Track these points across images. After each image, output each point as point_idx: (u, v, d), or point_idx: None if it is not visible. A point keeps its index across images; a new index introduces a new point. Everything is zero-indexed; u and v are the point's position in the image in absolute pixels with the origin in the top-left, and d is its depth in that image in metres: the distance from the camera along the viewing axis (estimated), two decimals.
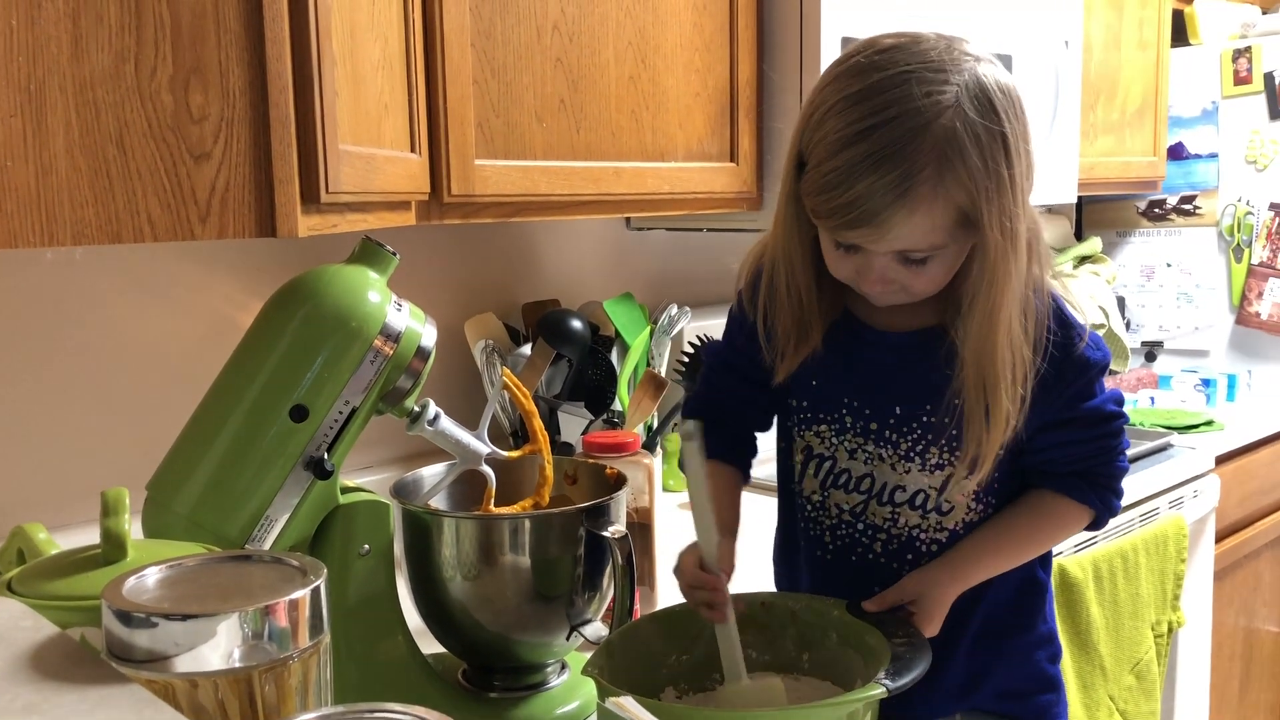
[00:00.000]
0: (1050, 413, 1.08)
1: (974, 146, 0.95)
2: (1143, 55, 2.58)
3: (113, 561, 0.82)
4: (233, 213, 0.93)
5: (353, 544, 1.09)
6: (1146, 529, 1.99)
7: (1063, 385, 1.07)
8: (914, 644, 0.99)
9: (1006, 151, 0.98)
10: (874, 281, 1.03)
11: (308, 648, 0.72)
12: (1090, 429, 1.10)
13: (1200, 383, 2.58)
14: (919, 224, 0.97)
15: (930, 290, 1.04)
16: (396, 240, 1.16)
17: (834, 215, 0.98)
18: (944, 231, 0.98)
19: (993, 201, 0.97)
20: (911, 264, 1.01)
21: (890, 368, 1.11)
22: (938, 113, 0.95)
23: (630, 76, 1.55)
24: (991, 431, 1.03)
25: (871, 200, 0.95)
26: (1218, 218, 2.71)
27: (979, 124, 0.96)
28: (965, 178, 0.96)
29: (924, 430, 1.09)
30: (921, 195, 0.95)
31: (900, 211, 0.95)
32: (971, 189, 0.96)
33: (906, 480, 1.11)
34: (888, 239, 0.98)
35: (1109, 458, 1.12)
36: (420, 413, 1.12)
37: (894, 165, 0.94)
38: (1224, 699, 2.42)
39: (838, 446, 1.13)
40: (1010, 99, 0.99)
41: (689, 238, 2.12)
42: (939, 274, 1.02)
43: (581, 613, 1.16)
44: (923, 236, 0.98)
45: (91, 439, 1.41)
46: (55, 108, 0.83)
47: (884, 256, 1.01)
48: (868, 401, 1.11)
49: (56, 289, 1.37)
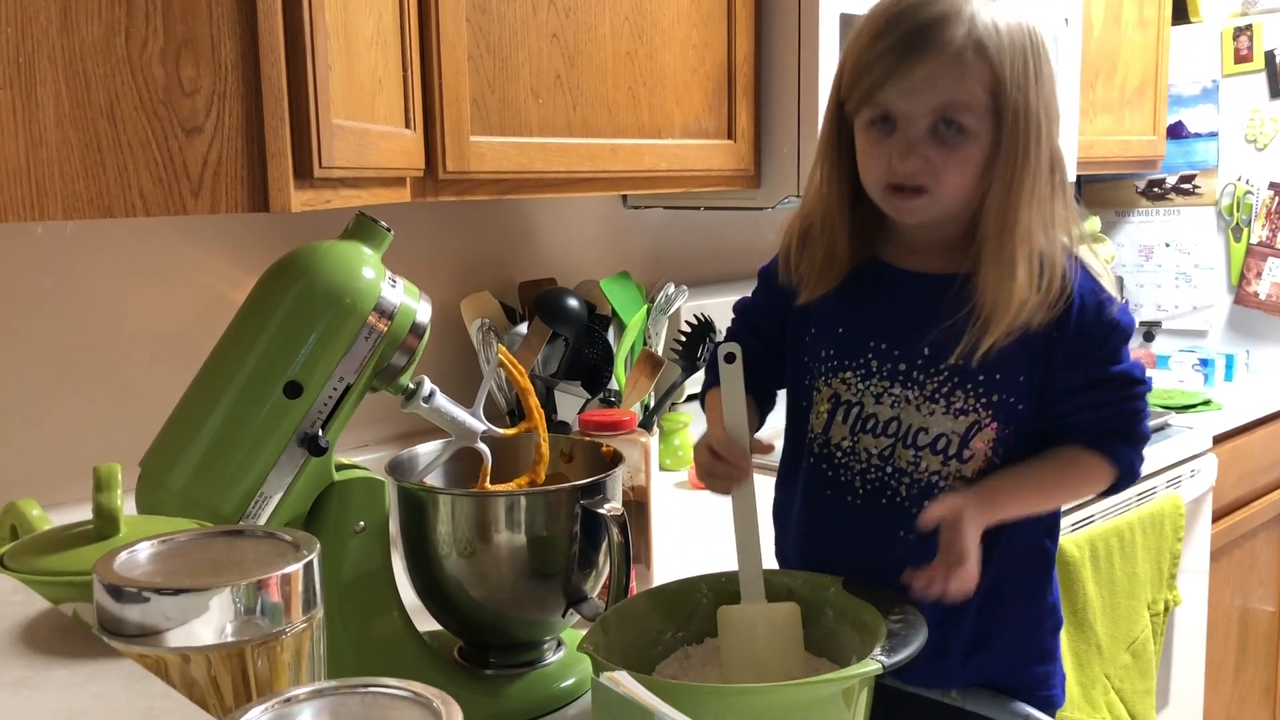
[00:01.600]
0: (1080, 374, 1.10)
1: (1001, 35, 1.02)
2: (1143, 33, 2.57)
3: (105, 537, 0.82)
4: (225, 187, 0.92)
5: (348, 521, 1.09)
6: (1143, 508, 1.99)
7: (1093, 346, 1.10)
8: (909, 621, 0.99)
9: (1033, 60, 1.04)
10: (906, 153, 1.05)
11: (300, 623, 0.72)
12: (1119, 391, 1.12)
13: (1198, 363, 2.58)
14: (950, 74, 1.02)
15: (955, 187, 1.06)
16: (392, 217, 1.15)
17: (864, 77, 1.05)
18: (973, 94, 1.03)
19: (1018, 99, 1.03)
20: (941, 141, 1.04)
21: (918, 309, 1.11)
22: (965, 5, 1.02)
23: (627, 52, 1.54)
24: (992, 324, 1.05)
25: (898, 49, 1.03)
26: (1217, 197, 2.70)
27: (1006, 26, 1.03)
28: (992, 55, 1.02)
29: (950, 373, 1.10)
30: (950, 43, 1.01)
31: (928, 55, 1.02)
32: (999, 70, 1.02)
33: (930, 423, 1.11)
34: (920, 88, 1.03)
35: (1135, 420, 1.13)
36: (415, 390, 1.12)
37: (923, 30, 1.02)
38: (1219, 678, 2.43)
39: (864, 391, 1.14)
40: (1036, 33, 1.06)
41: (686, 216, 2.11)
42: (969, 163, 1.05)
43: (577, 590, 1.16)
44: (955, 89, 1.02)
45: (84, 416, 1.40)
46: (45, 80, 0.83)
47: (920, 123, 1.04)
48: (895, 343, 1.12)
49: (48, 264, 1.37)
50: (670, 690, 0.86)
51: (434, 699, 0.62)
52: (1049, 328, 1.07)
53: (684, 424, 1.94)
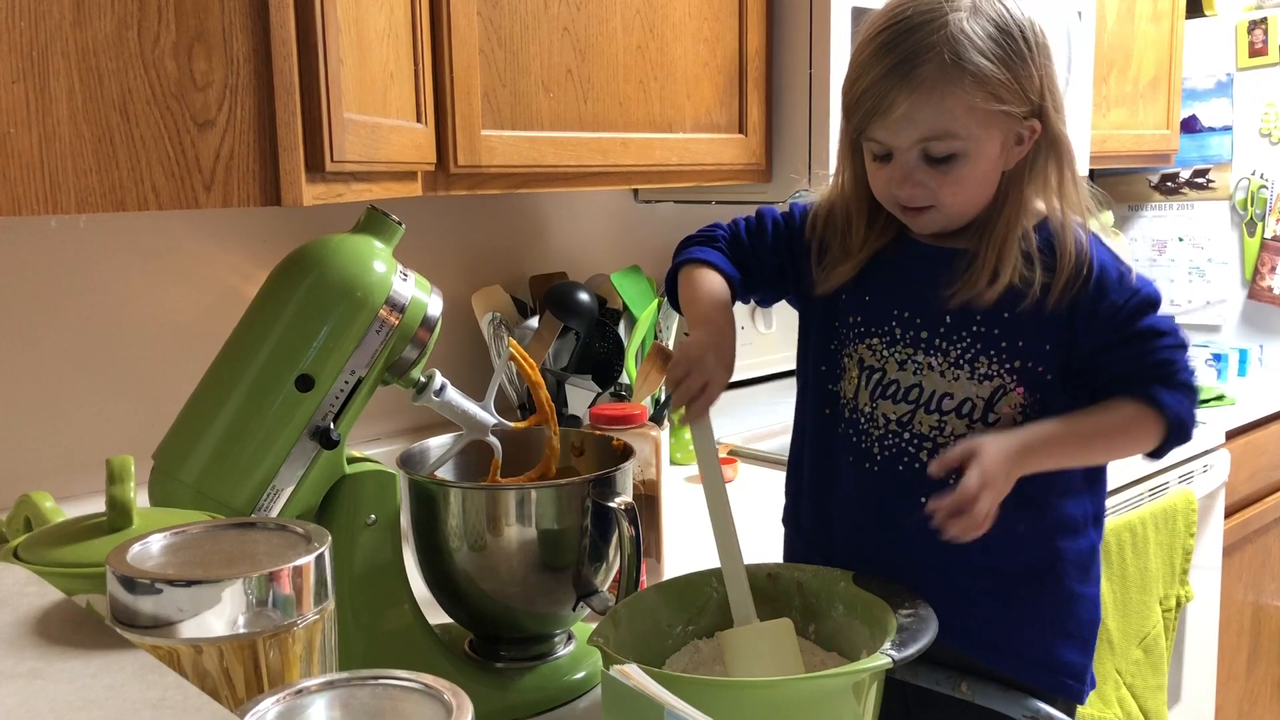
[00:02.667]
0: (1108, 333, 1.11)
1: (984, 43, 1.04)
2: (1156, 26, 2.55)
3: (118, 529, 0.83)
4: (237, 181, 0.92)
5: (359, 514, 1.09)
6: (1155, 503, 1.98)
7: (1116, 307, 1.10)
8: (920, 615, 0.99)
9: (1019, 56, 1.06)
10: (902, 182, 1.09)
11: (312, 615, 0.72)
12: (1150, 342, 1.11)
13: (1211, 357, 2.57)
14: (928, 105, 1.04)
15: (958, 202, 1.10)
16: (403, 211, 1.15)
17: (857, 110, 1.08)
18: (957, 119, 1.05)
19: (1005, 101, 1.05)
20: (936, 163, 1.07)
21: (937, 280, 1.14)
22: (949, 11, 1.05)
23: (638, 46, 1.54)
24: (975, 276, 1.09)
25: (881, 83, 1.06)
26: (1231, 191, 2.69)
27: (991, 25, 1.05)
28: (971, 64, 1.04)
29: (973, 339, 1.12)
30: (925, 75, 1.04)
31: (905, 91, 1.04)
32: (980, 76, 1.04)
33: (955, 388, 1.13)
34: (903, 124, 1.06)
35: (1174, 368, 1.12)
36: (426, 383, 1.12)
37: (901, 50, 1.05)
38: (1231, 674, 2.42)
39: (887, 358, 1.16)
40: (1027, 20, 1.08)
41: (697, 210, 2.10)
42: (966, 180, 1.08)
43: (588, 583, 1.16)
44: (935, 120, 1.05)
45: (97, 409, 1.41)
46: (58, 74, 0.83)
47: (910, 153, 1.08)
48: (918, 311, 1.15)
49: (62, 258, 1.37)
50: (680, 683, 0.86)
51: (445, 691, 0.62)
52: (1072, 296, 1.10)
53: None
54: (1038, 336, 1.11)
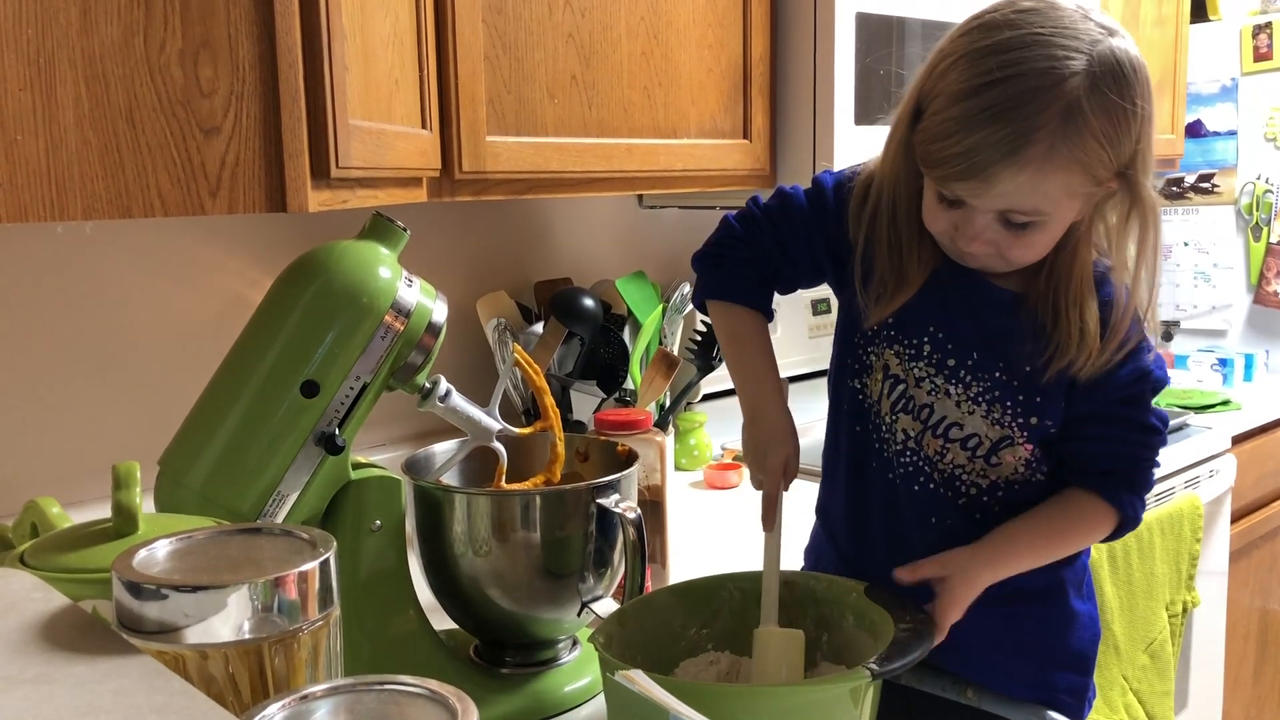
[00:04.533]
0: (1099, 403, 1.09)
1: (1097, 119, 0.95)
2: (1161, 31, 2.55)
3: (124, 534, 0.83)
4: (243, 187, 0.93)
5: (364, 519, 1.09)
6: (1162, 508, 1.98)
7: (1119, 383, 1.09)
8: (917, 630, 0.98)
9: (1126, 132, 0.97)
10: (971, 239, 1.02)
11: (317, 620, 0.72)
12: (1135, 434, 1.11)
13: (1217, 362, 2.56)
14: (1026, 184, 0.96)
15: (1027, 260, 1.04)
16: (408, 217, 1.15)
17: (943, 165, 0.98)
18: (1050, 199, 0.98)
19: (1101, 179, 0.98)
20: (1013, 228, 1.01)
21: (984, 316, 1.10)
22: (1064, 77, 0.94)
23: (642, 52, 1.54)
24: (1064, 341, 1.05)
25: (983, 153, 0.95)
26: (1236, 196, 2.69)
27: (1106, 98, 0.96)
28: (1080, 149, 0.96)
29: (994, 385, 1.10)
30: (1033, 156, 0.95)
31: (1010, 169, 0.95)
32: (1086, 161, 0.96)
33: (966, 421, 1.11)
34: (992, 195, 0.98)
35: (1142, 467, 1.12)
36: (431, 389, 1.12)
37: (1011, 121, 0.94)
38: (1238, 679, 2.41)
39: (909, 371, 1.13)
40: (1140, 78, 0.99)
41: (701, 215, 2.10)
42: (1039, 243, 1.02)
43: (593, 589, 1.16)
44: (1027, 198, 0.98)
45: (103, 415, 1.41)
46: (65, 81, 0.83)
47: (986, 215, 1.00)
48: (951, 337, 1.11)
49: (67, 264, 1.38)
50: (684, 689, 0.86)
51: (450, 697, 0.62)
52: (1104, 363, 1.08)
53: (699, 423, 1.94)
54: (1056, 393, 1.09)
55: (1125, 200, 1.02)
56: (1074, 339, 1.05)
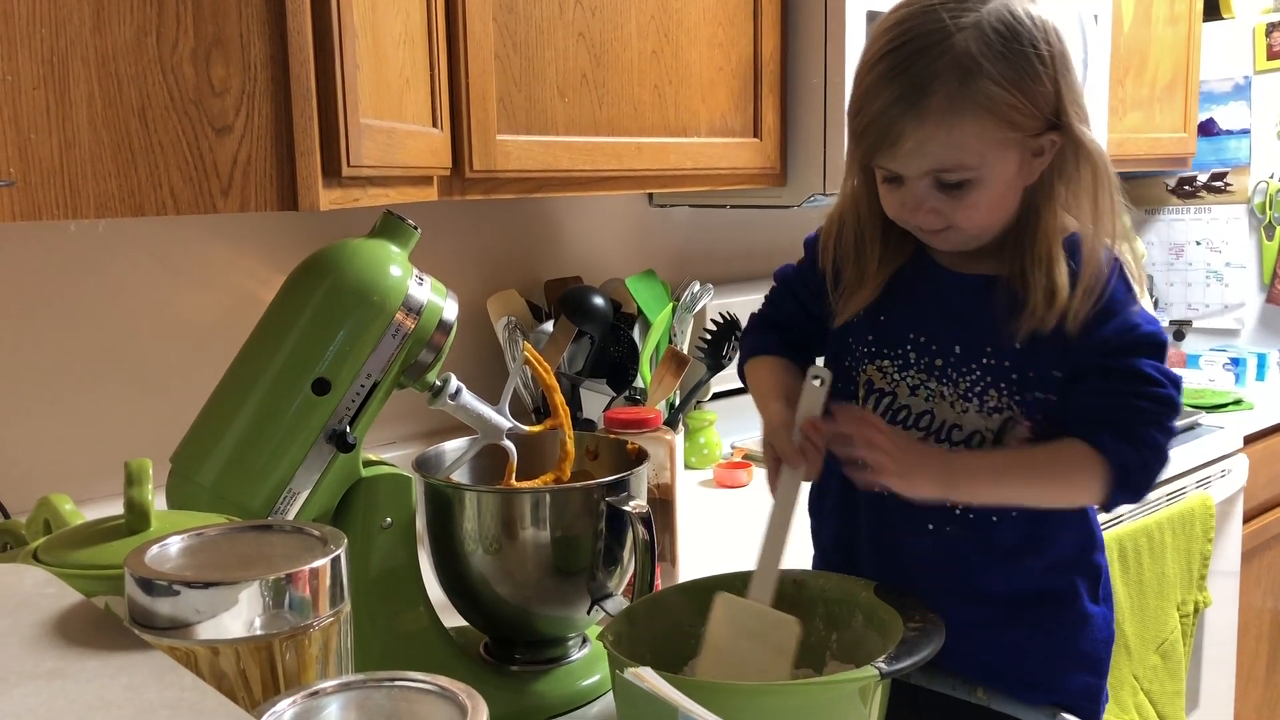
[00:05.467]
0: (1085, 359, 1.06)
1: (993, 65, 0.99)
2: (1174, 29, 2.54)
3: (136, 531, 0.83)
4: (254, 186, 0.93)
5: (375, 517, 1.10)
6: (1173, 508, 1.98)
7: (1108, 338, 1.05)
8: (926, 629, 0.98)
9: (1032, 74, 1.00)
10: (915, 210, 1.05)
11: (328, 617, 0.73)
12: (1122, 384, 1.05)
13: (1229, 362, 2.55)
14: (936, 137, 1.00)
15: (976, 224, 1.06)
16: (419, 216, 1.16)
17: (863, 138, 1.03)
18: (970, 151, 1.01)
19: (1019, 125, 1.00)
20: (948, 189, 1.03)
21: (955, 306, 1.11)
22: (953, 32, 0.99)
23: (653, 51, 1.54)
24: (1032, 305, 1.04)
25: (887, 114, 1.00)
26: (1249, 194, 2.68)
27: (999, 44, 0.99)
28: (981, 94, 0.99)
29: (983, 372, 1.09)
30: (933, 107, 0.99)
31: (913, 123, 1.00)
32: (991, 107, 0.99)
33: (964, 420, 1.10)
34: (911, 156, 1.01)
35: (1135, 416, 1.05)
36: (442, 387, 1.13)
37: (907, 79, 0.99)
38: (1250, 680, 2.40)
39: (899, 382, 1.13)
40: (1039, 24, 1.01)
41: (712, 214, 2.11)
42: (982, 202, 1.04)
43: (602, 587, 1.16)
44: (946, 153, 1.01)
45: (116, 412, 1.42)
46: (78, 80, 0.84)
47: (920, 181, 1.04)
48: (933, 338, 1.12)
49: (80, 262, 1.38)
50: (695, 688, 0.86)
51: (460, 693, 0.62)
52: (1085, 318, 1.05)
53: (709, 422, 1.94)
54: (1050, 363, 1.07)
55: (1071, 152, 1.04)
56: (1043, 299, 1.04)
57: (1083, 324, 1.05)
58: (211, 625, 0.69)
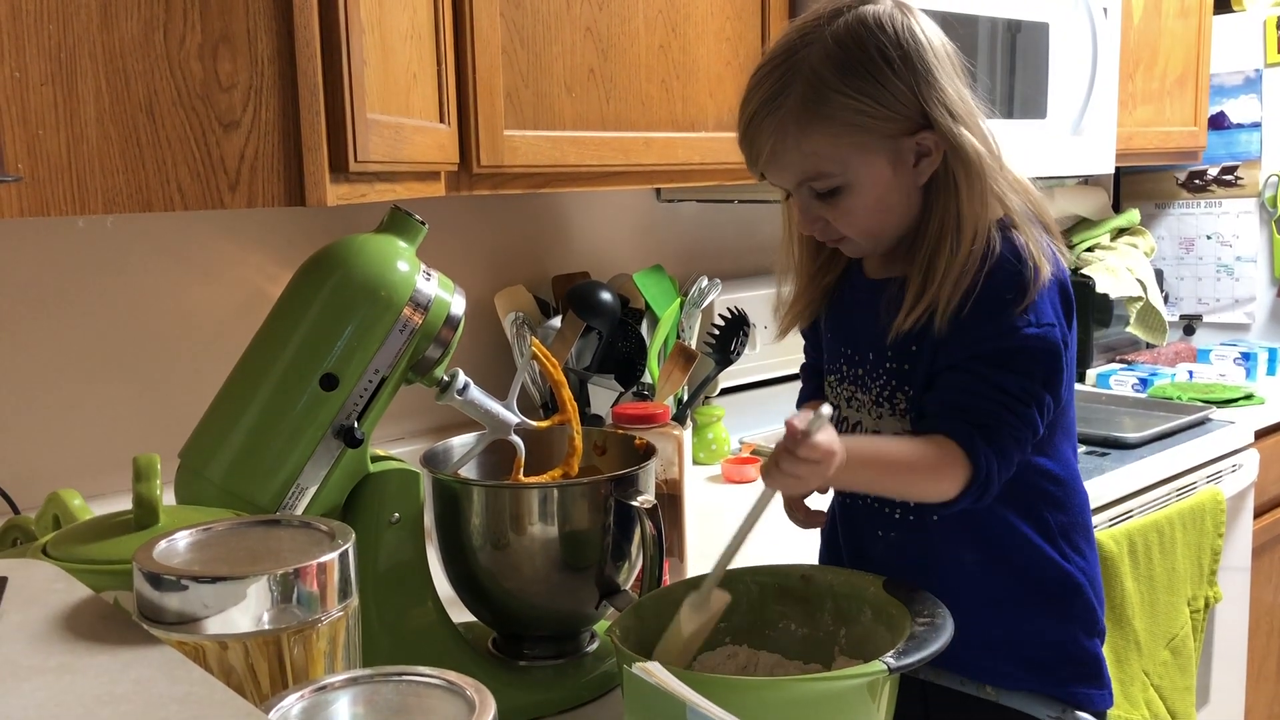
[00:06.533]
0: (955, 355, 1.05)
1: (834, 75, 1.02)
2: (1184, 23, 2.53)
3: (144, 526, 0.83)
4: (262, 181, 0.93)
5: (383, 512, 1.10)
6: (1183, 503, 1.97)
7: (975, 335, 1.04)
8: (935, 625, 0.97)
9: (880, 79, 1.03)
10: (803, 220, 1.11)
11: (336, 611, 0.73)
12: (987, 389, 1.03)
13: (1240, 356, 2.54)
14: (793, 148, 1.05)
15: (859, 229, 1.09)
16: (426, 211, 1.16)
17: (744, 156, 1.11)
18: (831, 159, 1.05)
19: (874, 129, 1.03)
20: (823, 197, 1.08)
21: (864, 313, 1.14)
22: (801, 47, 1.05)
23: (660, 45, 1.54)
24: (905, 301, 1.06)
25: (748, 132, 1.08)
26: (1260, 188, 2.66)
27: (841, 54, 1.03)
28: (827, 105, 1.03)
29: (888, 376, 1.12)
30: (783, 120, 1.04)
31: (766, 137, 1.06)
32: (843, 117, 1.03)
33: (881, 425, 1.13)
34: (772, 168, 1.08)
35: (998, 424, 1.02)
36: (450, 382, 1.13)
37: (759, 98, 1.06)
38: (1261, 675, 2.39)
39: (840, 395, 1.19)
40: (889, 27, 1.04)
41: (720, 209, 2.10)
42: (856, 208, 1.07)
43: (610, 582, 1.16)
44: (803, 161, 1.06)
45: (124, 408, 1.42)
46: (86, 76, 0.84)
47: (800, 191, 1.09)
48: (854, 348, 1.16)
49: (88, 258, 1.39)
50: (703, 682, 0.86)
51: (468, 688, 0.62)
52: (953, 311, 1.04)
53: (717, 417, 1.94)
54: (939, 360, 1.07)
55: (946, 148, 1.05)
56: (913, 295, 1.06)
57: (955, 318, 1.04)
58: (220, 620, 0.69)
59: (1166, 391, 2.38)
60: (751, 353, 1.85)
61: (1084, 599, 1.16)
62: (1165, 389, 2.39)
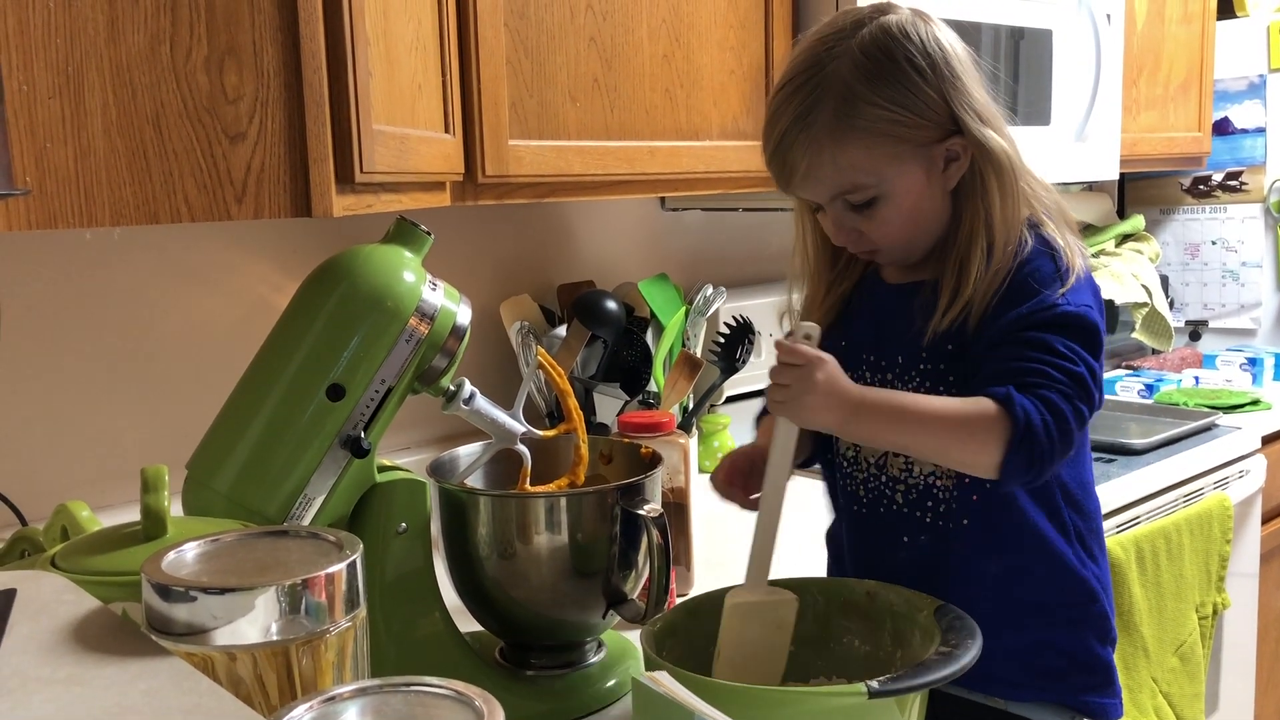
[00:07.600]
0: (998, 334, 1.04)
1: (866, 87, 1.03)
2: (1187, 28, 2.53)
3: (153, 537, 0.83)
4: (268, 193, 0.93)
5: (390, 522, 1.10)
6: (1190, 509, 1.96)
7: (1018, 314, 1.04)
8: (953, 654, 0.95)
9: (911, 87, 1.03)
10: (837, 233, 1.11)
11: (344, 622, 0.73)
12: (1029, 350, 1.02)
13: (1246, 362, 2.54)
14: (828, 162, 1.05)
15: (894, 238, 1.10)
16: (432, 221, 1.16)
17: (773, 174, 1.10)
18: (866, 170, 1.05)
19: (909, 138, 1.04)
20: (858, 209, 1.08)
21: (893, 317, 1.13)
22: (829, 61, 1.04)
23: (664, 54, 1.54)
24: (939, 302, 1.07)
25: (779, 150, 1.07)
26: (1265, 194, 2.66)
27: (870, 65, 1.03)
28: (861, 118, 1.03)
29: (923, 378, 1.11)
30: (816, 137, 1.04)
31: (800, 154, 1.05)
32: (877, 128, 1.03)
33: None
34: (812, 182, 1.07)
35: (1051, 383, 1.00)
36: (456, 392, 1.13)
37: (790, 114, 1.05)
38: (1270, 681, 2.38)
39: None
40: (918, 39, 1.05)
41: (724, 217, 2.11)
42: (892, 218, 1.08)
43: (617, 591, 1.16)
44: (838, 176, 1.06)
45: (132, 419, 1.43)
46: (93, 89, 0.84)
47: (833, 205, 1.09)
48: (881, 353, 1.15)
49: (95, 270, 1.39)
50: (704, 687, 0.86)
51: (476, 698, 0.62)
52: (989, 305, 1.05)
53: (723, 425, 1.94)
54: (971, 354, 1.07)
55: (975, 152, 1.06)
56: (948, 296, 1.07)
57: (992, 310, 1.05)
58: (228, 631, 0.69)
59: (1173, 397, 2.37)
60: (757, 360, 1.85)
61: (1099, 606, 1.16)
62: (1171, 395, 2.39)
